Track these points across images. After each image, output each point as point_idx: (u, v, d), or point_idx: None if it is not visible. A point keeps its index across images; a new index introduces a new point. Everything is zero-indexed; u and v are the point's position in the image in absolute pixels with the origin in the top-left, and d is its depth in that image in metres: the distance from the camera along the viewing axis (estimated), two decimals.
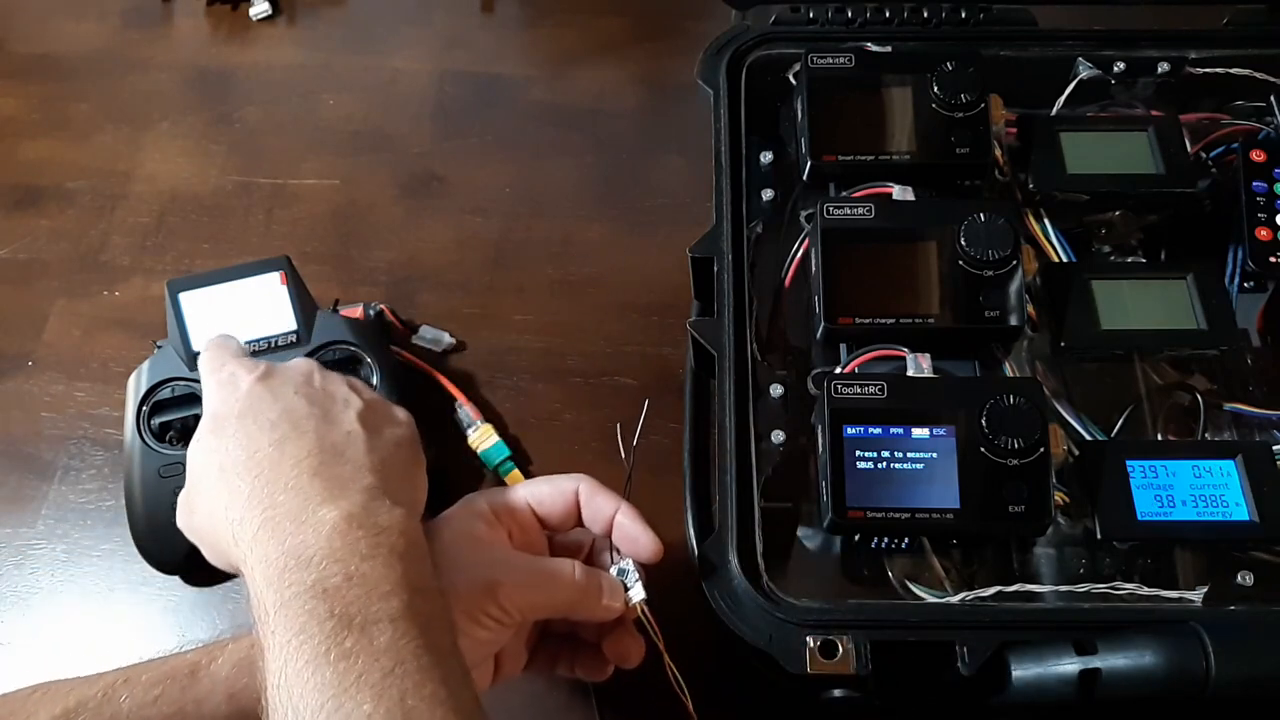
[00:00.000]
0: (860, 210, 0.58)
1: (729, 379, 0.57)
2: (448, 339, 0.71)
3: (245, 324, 0.63)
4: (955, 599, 0.53)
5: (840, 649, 0.50)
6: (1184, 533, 0.54)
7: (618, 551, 0.48)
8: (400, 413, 0.51)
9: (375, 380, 0.64)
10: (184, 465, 0.61)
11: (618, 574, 0.48)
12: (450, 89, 0.83)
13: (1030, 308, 0.58)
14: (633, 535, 0.48)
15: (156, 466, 0.61)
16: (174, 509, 0.52)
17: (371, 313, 0.68)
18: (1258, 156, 0.62)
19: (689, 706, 0.48)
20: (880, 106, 0.63)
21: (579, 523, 0.50)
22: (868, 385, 0.54)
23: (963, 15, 0.68)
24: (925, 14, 0.68)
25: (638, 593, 0.47)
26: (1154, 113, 0.65)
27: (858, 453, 0.53)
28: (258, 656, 0.40)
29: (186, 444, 0.60)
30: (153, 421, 0.62)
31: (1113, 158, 0.62)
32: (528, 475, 0.67)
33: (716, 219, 0.62)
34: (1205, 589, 0.53)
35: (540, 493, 0.49)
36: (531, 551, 0.49)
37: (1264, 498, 0.54)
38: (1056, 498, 0.53)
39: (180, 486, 0.61)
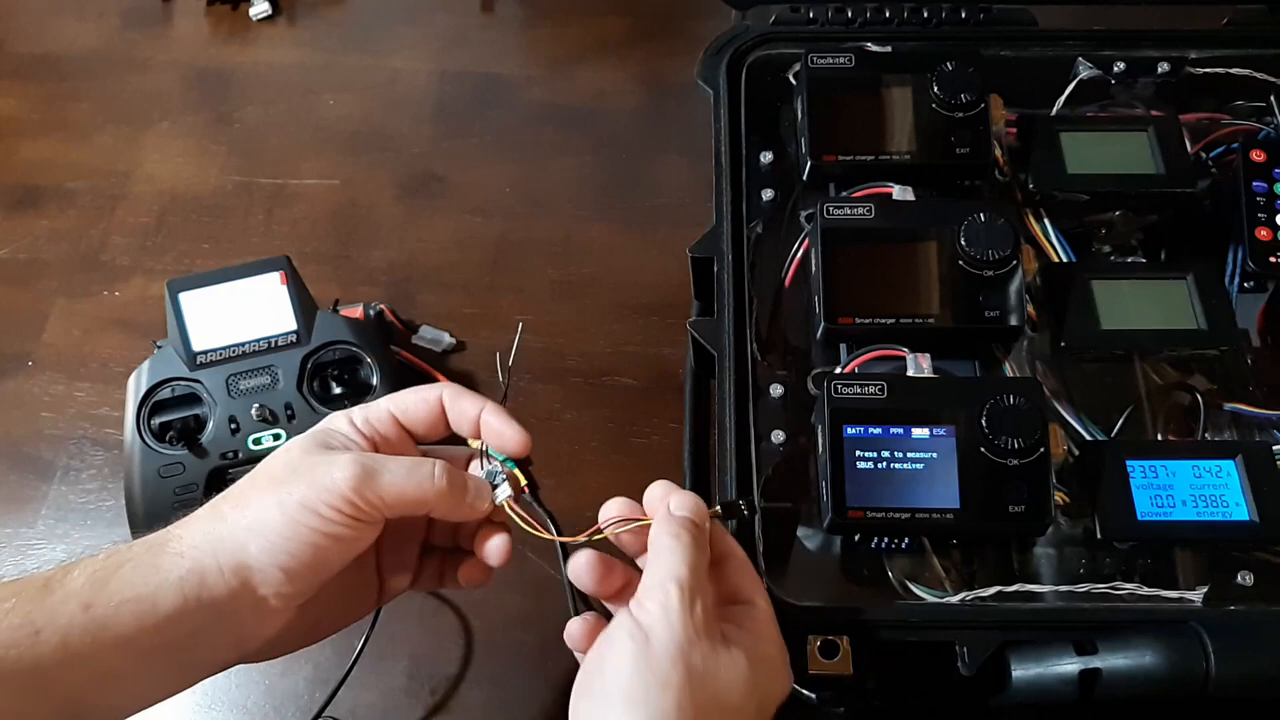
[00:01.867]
0: (860, 210, 0.58)
1: (729, 379, 0.57)
2: (448, 339, 0.71)
3: (245, 324, 0.64)
4: (955, 599, 0.53)
5: (840, 649, 0.50)
6: (1184, 533, 0.54)
7: (488, 456, 0.48)
8: None
9: (375, 380, 0.64)
10: (184, 465, 0.61)
11: (486, 476, 0.47)
12: (450, 89, 0.83)
13: (1030, 308, 0.58)
14: (499, 430, 0.47)
15: (156, 466, 0.61)
16: (174, 509, 0.51)
17: (371, 313, 0.68)
18: (1258, 156, 0.62)
19: (551, 534, 0.49)
20: (880, 106, 0.63)
21: (446, 429, 0.49)
22: (868, 385, 0.54)
23: (963, 15, 0.68)
24: (925, 14, 0.68)
25: (504, 491, 0.47)
26: (1154, 113, 0.65)
27: (858, 453, 0.53)
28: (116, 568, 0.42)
29: (186, 444, 0.61)
30: (153, 421, 0.62)
31: (1113, 158, 0.62)
32: (529, 475, 0.66)
33: (716, 219, 0.62)
34: (1205, 589, 0.53)
35: (404, 400, 0.48)
36: None
37: (1264, 498, 0.53)
38: (1056, 498, 0.53)
39: (180, 485, 0.61)
